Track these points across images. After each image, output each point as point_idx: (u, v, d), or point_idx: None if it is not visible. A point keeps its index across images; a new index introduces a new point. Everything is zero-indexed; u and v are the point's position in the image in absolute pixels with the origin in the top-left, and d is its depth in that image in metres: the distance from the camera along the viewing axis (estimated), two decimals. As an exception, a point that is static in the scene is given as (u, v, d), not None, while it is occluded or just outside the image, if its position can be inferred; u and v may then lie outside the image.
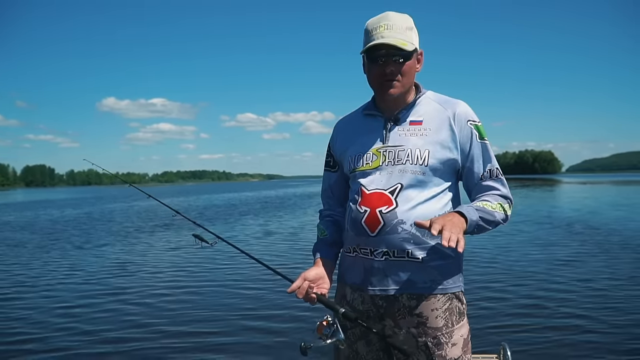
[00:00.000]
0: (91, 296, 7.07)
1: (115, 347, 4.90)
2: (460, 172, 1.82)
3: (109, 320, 5.85)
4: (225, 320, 5.71)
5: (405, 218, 1.69)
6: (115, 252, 11.43)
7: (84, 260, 10.35)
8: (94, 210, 29.35)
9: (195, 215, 22.74)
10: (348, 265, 1.85)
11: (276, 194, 52.39)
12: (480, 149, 1.79)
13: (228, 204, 33.05)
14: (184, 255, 10.77)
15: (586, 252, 9.68)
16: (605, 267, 8.11)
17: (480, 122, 1.81)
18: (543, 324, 5.22)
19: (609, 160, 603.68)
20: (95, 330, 5.43)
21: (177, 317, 5.88)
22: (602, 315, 5.48)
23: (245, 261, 8.85)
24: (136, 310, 6.26)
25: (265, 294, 6.90)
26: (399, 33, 1.70)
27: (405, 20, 1.74)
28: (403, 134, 1.77)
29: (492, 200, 1.77)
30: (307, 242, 12.20)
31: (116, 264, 9.73)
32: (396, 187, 1.72)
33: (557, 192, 40.27)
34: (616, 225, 14.31)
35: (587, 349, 4.55)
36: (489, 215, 1.72)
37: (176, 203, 35.53)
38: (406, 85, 1.77)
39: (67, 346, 4.97)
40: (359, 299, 1.80)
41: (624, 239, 11.43)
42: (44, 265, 9.71)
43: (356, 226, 1.76)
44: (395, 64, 1.71)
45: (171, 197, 51.36)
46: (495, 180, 1.81)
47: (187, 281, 8.01)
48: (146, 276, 8.51)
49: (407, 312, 1.73)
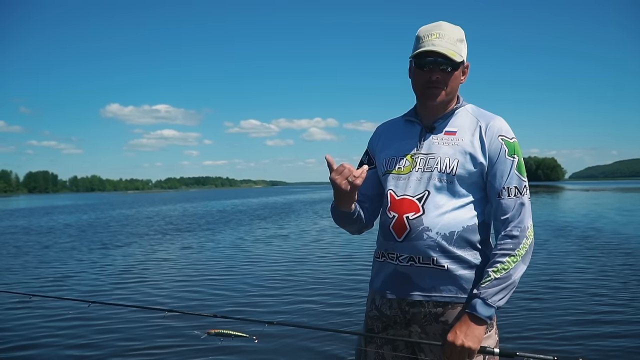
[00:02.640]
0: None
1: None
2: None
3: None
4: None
5: (432, 225, 1.73)
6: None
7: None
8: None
9: (206, 219, 22.67)
10: (377, 271, 1.90)
11: (283, 200, 52.22)
12: (507, 165, 1.75)
13: (248, 209, 32.97)
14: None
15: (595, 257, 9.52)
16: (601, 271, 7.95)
17: (515, 139, 1.79)
18: (564, 335, 5.05)
19: (612, 167, 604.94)
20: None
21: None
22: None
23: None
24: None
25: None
26: (450, 43, 1.75)
27: (457, 32, 1.79)
28: (436, 143, 1.81)
29: (503, 257, 1.70)
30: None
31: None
32: (424, 194, 1.76)
33: (562, 199, 40.04)
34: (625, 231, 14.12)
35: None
36: (504, 281, 1.68)
37: (184, 209, 35.47)
38: (449, 95, 1.80)
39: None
40: (386, 304, 1.84)
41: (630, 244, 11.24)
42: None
43: (384, 231, 1.83)
44: (441, 72, 1.75)
45: (176, 203, 51.36)
46: (512, 200, 1.73)
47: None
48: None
49: (433, 319, 1.76)
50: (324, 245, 13.05)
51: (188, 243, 14.43)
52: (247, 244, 13.68)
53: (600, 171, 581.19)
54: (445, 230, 1.73)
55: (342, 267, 9.52)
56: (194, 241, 14.78)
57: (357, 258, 10.44)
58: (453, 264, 1.73)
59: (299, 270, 9.24)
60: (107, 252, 12.59)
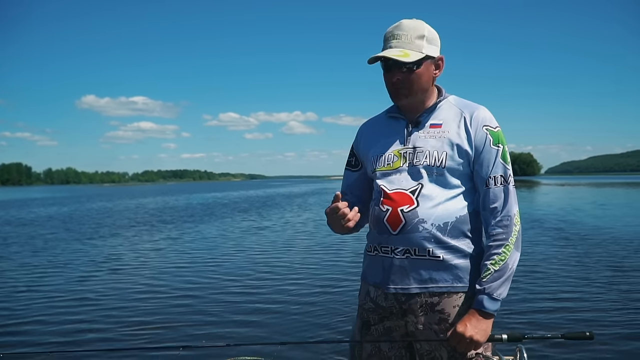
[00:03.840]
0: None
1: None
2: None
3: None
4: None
5: (426, 217, 1.75)
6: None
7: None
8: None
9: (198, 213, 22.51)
10: (369, 265, 1.91)
11: (263, 193, 51.96)
12: (492, 154, 1.79)
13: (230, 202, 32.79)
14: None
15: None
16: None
17: (499, 128, 1.82)
18: (562, 327, 5.14)
19: (586, 163, 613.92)
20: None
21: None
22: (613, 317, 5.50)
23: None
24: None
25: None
26: (407, 43, 1.76)
27: (417, 29, 1.79)
28: (423, 137, 1.83)
29: (498, 248, 1.75)
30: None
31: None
32: (417, 187, 1.78)
33: (538, 194, 40.66)
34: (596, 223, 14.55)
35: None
36: (504, 272, 1.73)
37: (165, 201, 35.18)
38: (417, 93, 1.81)
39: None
40: (382, 296, 1.85)
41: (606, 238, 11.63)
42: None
43: (379, 224, 1.82)
44: (402, 73, 1.77)
45: (156, 196, 50.82)
46: (498, 189, 1.78)
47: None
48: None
49: (429, 309, 1.78)
50: (317, 239, 13.12)
51: (168, 239, 14.26)
52: (231, 244, 13.55)
53: (575, 166, 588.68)
54: (439, 221, 1.75)
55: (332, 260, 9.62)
56: (177, 234, 14.74)
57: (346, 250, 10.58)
58: (448, 254, 1.76)
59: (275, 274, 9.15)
60: (96, 247, 12.50)
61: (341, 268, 8.56)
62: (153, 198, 44.74)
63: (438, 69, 1.85)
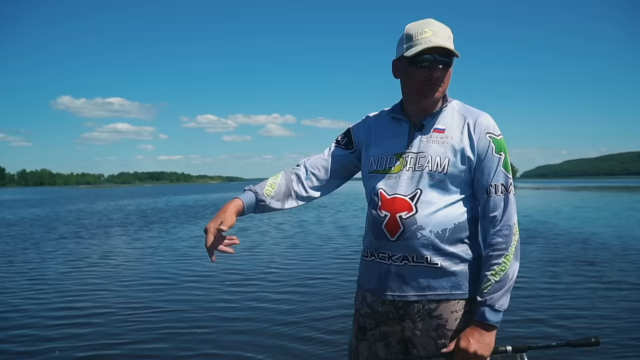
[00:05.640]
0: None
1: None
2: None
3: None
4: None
5: (425, 224, 1.73)
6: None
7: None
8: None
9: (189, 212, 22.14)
10: (365, 270, 1.89)
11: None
12: (494, 162, 1.77)
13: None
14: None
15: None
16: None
17: (501, 136, 1.81)
18: (566, 331, 5.13)
19: (561, 167, 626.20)
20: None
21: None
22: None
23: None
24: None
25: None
26: (444, 40, 1.73)
27: (446, 29, 1.77)
28: (426, 141, 1.81)
29: (499, 258, 1.72)
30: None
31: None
32: (416, 193, 1.76)
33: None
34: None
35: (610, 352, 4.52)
36: (506, 282, 1.71)
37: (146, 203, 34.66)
38: (443, 92, 1.80)
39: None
40: (378, 301, 1.83)
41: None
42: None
43: (376, 230, 1.80)
44: (440, 69, 1.74)
45: (135, 198, 50.08)
46: (498, 197, 1.75)
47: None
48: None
49: (427, 315, 1.76)
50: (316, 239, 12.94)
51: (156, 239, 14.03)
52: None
53: (550, 170, 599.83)
54: (438, 228, 1.73)
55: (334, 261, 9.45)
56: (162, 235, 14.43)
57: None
58: (446, 261, 1.74)
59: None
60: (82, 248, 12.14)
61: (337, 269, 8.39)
62: (132, 200, 44.01)
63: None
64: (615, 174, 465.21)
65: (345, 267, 8.68)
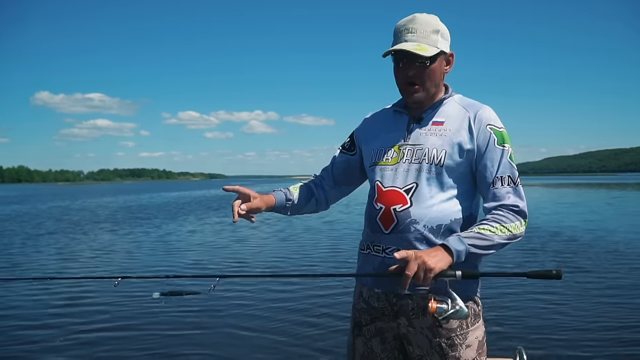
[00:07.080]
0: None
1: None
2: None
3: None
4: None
5: (419, 218, 1.71)
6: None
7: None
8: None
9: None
10: (362, 264, 1.88)
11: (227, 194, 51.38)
12: (497, 153, 1.73)
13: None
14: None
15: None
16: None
17: (504, 128, 1.78)
18: (561, 328, 5.16)
19: (540, 164, 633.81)
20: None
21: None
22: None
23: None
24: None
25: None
26: (423, 37, 1.72)
27: (432, 24, 1.75)
28: (424, 133, 1.79)
29: (493, 222, 1.67)
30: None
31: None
32: (412, 186, 1.75)
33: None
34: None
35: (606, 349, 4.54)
36: (485, 240, 1.63)
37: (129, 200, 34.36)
38: (430, 89, 1.78)
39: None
40: (374, 297, 1.83)
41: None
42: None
43: (371, 223, 1.80)
44: (417, 67, 1.73)
45: (117, 195, 49.57)
46: (506, 189, 1.71)
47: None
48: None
49: (421, 312, 1.74)
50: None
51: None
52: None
53: (530, 167, 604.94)
54: (432, 223, 1.71)
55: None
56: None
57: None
58: None
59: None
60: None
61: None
62: (114, 197, 43.56)
63: (448, 64, 1.83)
64: (592, 171, 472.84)
65: (346, 266, 8.63)
